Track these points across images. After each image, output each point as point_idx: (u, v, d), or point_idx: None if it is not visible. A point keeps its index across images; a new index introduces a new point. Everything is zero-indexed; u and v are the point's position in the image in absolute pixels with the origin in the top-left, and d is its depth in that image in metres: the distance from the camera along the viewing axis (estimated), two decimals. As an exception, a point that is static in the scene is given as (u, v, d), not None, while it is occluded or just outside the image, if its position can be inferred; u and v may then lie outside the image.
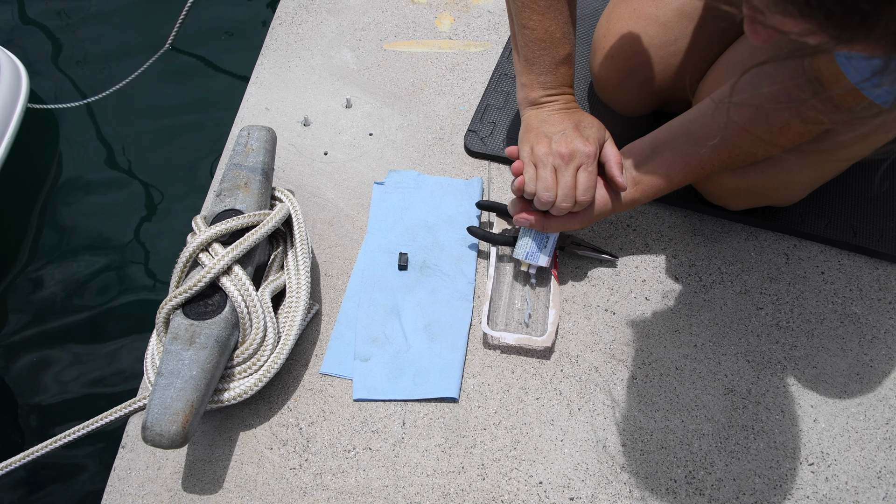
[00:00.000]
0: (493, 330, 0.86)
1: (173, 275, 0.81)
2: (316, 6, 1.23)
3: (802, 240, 0.95)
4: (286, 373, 0.86)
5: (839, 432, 0.82)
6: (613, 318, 0.89)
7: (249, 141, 0.91)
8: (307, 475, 0.80)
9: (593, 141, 0.81)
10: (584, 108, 1.06)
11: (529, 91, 0.85)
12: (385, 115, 1.09)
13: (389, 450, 0.81)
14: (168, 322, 0.79)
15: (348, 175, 1.03)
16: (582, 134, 0.80)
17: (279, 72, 1.14)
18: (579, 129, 0.81)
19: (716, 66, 0.90)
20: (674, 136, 0.83)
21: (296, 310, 0.83)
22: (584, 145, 0.80)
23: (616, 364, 0.86)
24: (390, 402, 0.84)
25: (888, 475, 0.79)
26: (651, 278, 0.92)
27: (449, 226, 0.96)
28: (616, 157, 0.82)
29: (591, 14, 1.15)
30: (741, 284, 0.92)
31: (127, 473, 0.81)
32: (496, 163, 1.03)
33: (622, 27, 0.93)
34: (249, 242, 0.81)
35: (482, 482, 0.79)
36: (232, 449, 0.81)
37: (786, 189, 0.87)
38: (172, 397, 0.72)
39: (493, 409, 0.83)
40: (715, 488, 0.78)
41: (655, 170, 0.83)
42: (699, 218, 0.97)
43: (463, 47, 1.17)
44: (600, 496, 0.78)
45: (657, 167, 0.83)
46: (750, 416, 0.83)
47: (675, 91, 0.97)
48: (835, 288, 0.91)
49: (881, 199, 0.96)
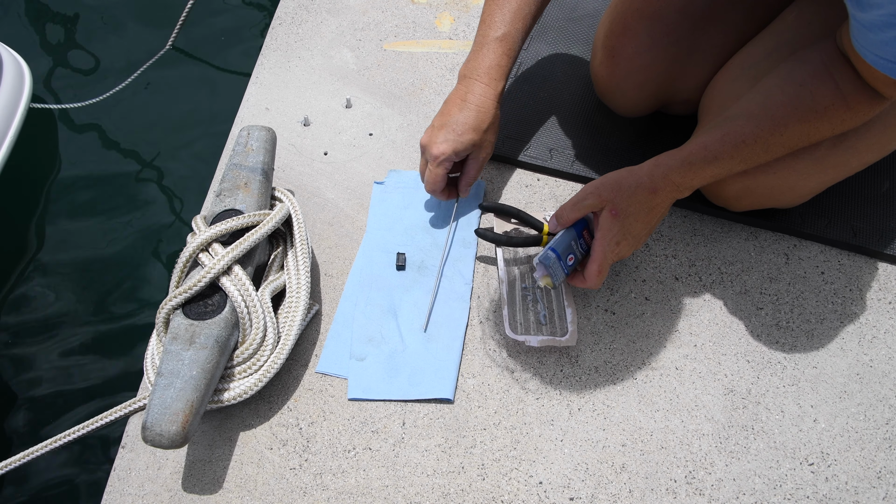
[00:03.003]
0: (516, 334, 0.86)
1: (173, 275, 0.81)
2: (316, 6, 1.23)
3: (802, 240, 0.95)
4: (286, 373, 0.86)
5: (839, 432, 0.82)
6: (613, 318, 0.89)
7: (249, 141, 0.91)
8: (307, 475, 0.80)
9: (446, 145, 0.86)
10: (585, 109, 1.06)
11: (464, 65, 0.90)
12: (385, 115, 1.09)
13: (389, 450, 0.81)
14: (168, 322, 0.79)
15: (348, 175, 1.03)
16: (445, 131, 0.86)
17: (279, 72, 1.14)
18: (444, 127, 0.87)
19: (727, 68, 0.89)
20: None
21: (296, 310, 0.83)
22: (434, 147, 0.86)
23: (616, 364, 0.86)
24: (390, 402, 0.84)
25: (888, 475, 0.79)
26: (651, 278, 0.92)
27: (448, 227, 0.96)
28: (467, 176, 0.91)
29: (591, 14, 1.15)
30: (741, 284, 0.92)
31: (127, 473, 0.81)
32: (496, 163, 1.03)
33: (623, 27, 0.93)
34: (249, 242, 0.81)
35: (482, 482, 0.79)
36: (232, 449, 0.81)
37: (793, 192, 0.87)
38: (172, 397, 0.72)
39: (493, 409, 0.83)
40: (715, 488, 0.78)
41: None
42: (699, 218, 0.97)
43: (463, 47, 1.17)
44: (600, 496, 0.78)
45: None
46: (750, 416, 0.83)
47: (675, 93, 0.97)
48: (835, 288, 0.91)
49: (881, 199, 0.96)
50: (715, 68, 0.92)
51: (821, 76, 0.73)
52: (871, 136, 0.80)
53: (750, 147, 0.76)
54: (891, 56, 0.63)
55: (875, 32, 0.62)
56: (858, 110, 0.73)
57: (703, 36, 0.92)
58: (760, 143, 0.76)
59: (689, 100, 0.96)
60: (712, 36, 0.92)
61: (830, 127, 0.75)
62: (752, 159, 0.78)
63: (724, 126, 0.78)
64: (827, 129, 0.76)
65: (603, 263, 0.79)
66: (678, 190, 0.79)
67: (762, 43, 0.87)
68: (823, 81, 0.73)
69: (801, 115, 0.75)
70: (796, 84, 0.75)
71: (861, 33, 0.65)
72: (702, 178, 0.79)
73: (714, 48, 0.92)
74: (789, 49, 0.82)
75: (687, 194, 0.81)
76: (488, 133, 0.89)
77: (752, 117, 0.76)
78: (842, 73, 0.72)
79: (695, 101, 0.95)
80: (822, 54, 0.74)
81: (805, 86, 0.74)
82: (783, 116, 0.75)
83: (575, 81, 1.08)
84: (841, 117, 0.74)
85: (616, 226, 0.78)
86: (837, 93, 0.72)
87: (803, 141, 0.77)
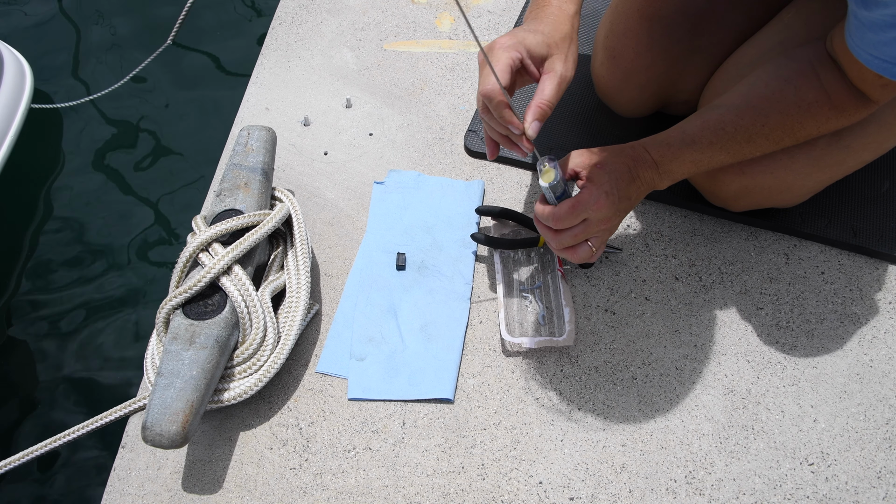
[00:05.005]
0: (512, 336, 0.86)
1: (173, 275, 0.81)
2: (316, 6, 1.23)
3: (802, 240, 0.95)
4: (286, 373, 0.86)
5: (839, 432, 0.82)
6: (613, 318, 0.89)
7: (249, 141, 0.91)
8: (307, 475, 0.80)
9: (511, 37, 0.73)
10: (585, 109, 1.05)
11: None
12: (385, 115, 1.09)
13: (389, 450, 0.81)
14: (168, 322, 0.79)
15: (348, 175, 1.03)
16: (510, 33, 0.74)
17: (279, 72, 1.14)
18: (510, 33, 0.74)
19: (724, 68, 0.89)
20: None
21: (296, 310, 0.83)
22: (498, 41, 0.74)
23: (616, 364, 0.86)
24: (390, 402, 0.84)
25: (888, 475, 0.79)
26: (651, 278, 0.92)
27: (448, 227, 0.96)
28: (540, 94, 0.73)
29: (591, 14, 1.15)
30: (741, 284, 0.92)
31: (127, 473, 0.81)
32: (496, 163, 1.03)
33: (624, 27, 0.93)
34: (249, 242, 0.81)
35: (482, 482, 0.79)
36: (232, 449, 0.81)
37: (791, 191, 0.87)
38: (172, 397, 0.72)
39: (493, 409, 0.83)
40: (715, 488, 0.78)
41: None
42: (699, 218, 0.97)
43: (463, 47, 1.17)
44: (600, 496, 0.78)
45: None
46: (750, 416, 0.83)
47: (676, 93, 0.97)
48: (835, 288, 0.91)
49: (881, 199, 0.96)
50: (715, 69, 0.92)
51: (806, 73, 0.73)
52: (867, 135, 0.81)
53: (730, 135, 0.75)
54: (888, 56, 0.63)
55: (875, 32, 0.62)
56: (844, 110, 0.73)
57: (704, 36, 0.92)
58: (742, 133, 0.75)
59: (690, 100, 0.96)
60: (712, 36, 0.92)
61: (815, 124, 0.75)
62: (735, 149, 0.77)
63: (706, 114, 0.78)
64: (812, 126, 0.75)
65: (577, 208, 0.72)
66: (656, 168, 0.77)
67: (758, 43, 0.87)
68: (808, 79, 0.73)
69: (782, 107, 0.74)
70: (781, 79, 0.75)
71: (859, 32, 0.65)
72: (680, 161, 0.77)
73: (714, 48, 0.92)
74: (784, 49, 0.82)
75: (666, 181, 0.78)
76: (564, 45, 0.75)
77: (733, 107, 0.76)
78: (827, 72, 0.72)
79: (695, 102, 0.95)
80: (810, 53, 0.74)
81: (789, 81, 0.74)
82: (765, 108, 0.75)
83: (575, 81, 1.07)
84: (826, 115, 0.74)
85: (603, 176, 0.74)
86: (821, 90, 0.72)
87: (788, 135, 0.76)
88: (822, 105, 0.73)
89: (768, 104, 0.75)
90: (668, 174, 0.78)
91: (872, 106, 0.73)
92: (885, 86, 0.69)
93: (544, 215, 0.74)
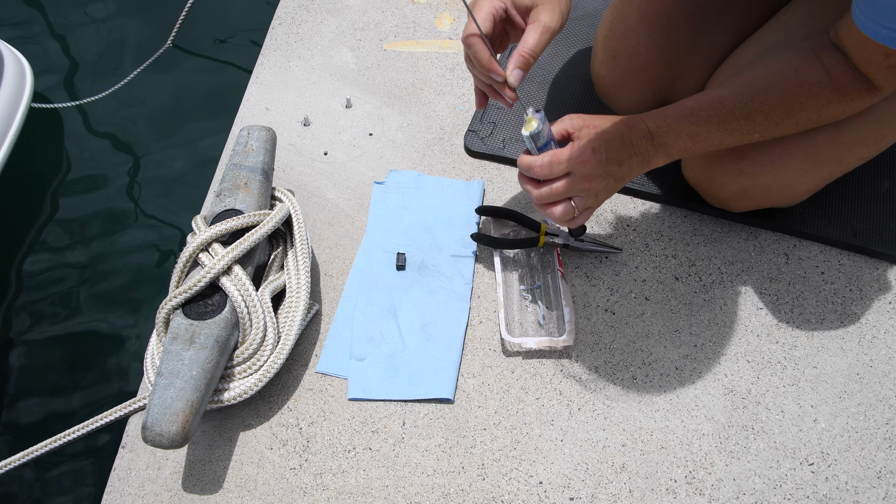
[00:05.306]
0: (512, 336, 0.86)
1: (173, 275, 0.81)
2: (316, 6, 1.23)
3: (802, 240, 0.95)
4: (286, 373, 0.86)
5: (839, 432, 0.82)
6: (613, 318, 0.89)
7: (249, 141, 0.91)
8: (307, 475, 0.80)
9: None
10: (585, 108, 1.05)
11: None
12: (385, 115, 1.09)
13: (389, 450, 0.81)
14: (168, 322, 0.79)
15: (348, 175, 1.03)
16: None
17: (279, 72, 1.14)
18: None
19: (723, 68, 0.89)
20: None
21: (296, 310, 0.83)
22: None
23: (616, 364, 0.86)
24: (390, 402, 0.84)
25: (888, 475, 0.79)
26: (651, 278, 0.92)
27: (448, 227, 0.96)
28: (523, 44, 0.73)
29: (591, 14, 1.15)
30: (741, 284, 0.92)
31: (127, 473, 0.81)
32: (496, 163, 1.03)
33: (624, 27, 0.93)
34: (249, 242, 0.81)
35: (482, 482, 0.79)
36: (232, 449, 0.81)
37: (790, 190, 0.87)
38: (172, 397, 0.72)
39: (493, 409, 0.83)
40: (715, 488, 0.78)
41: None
42: (699, 218, 0.97)
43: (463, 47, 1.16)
44: (600, 496, 0.78)
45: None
46: (750, 416, 0.83)
47: (675, 92, 0.97)
48: (835, 288, 0.91)
49: (881, 199, 0.96)
50: (714, 68, 0.92)
51: (807, 57, 0.73)
52: (865, 130, 0.80)
53: (729, 110, 0.74)
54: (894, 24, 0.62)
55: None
56: (847, 93, 0.72)
57: (703, 36, 0.92)
58: (740, 109, 0.74)
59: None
60: (712, 36, 0.92)
61: (816, 105, 0.73)
62: (733, 125, 0.75)
63: (707, 92, 0.77)
64: (812, 108, 0.74)
65: (559, 157, 0.72)
66: (651, 138, 0.76)
67: (757, 42, 0.87)
68: (810, 61, 0.72)
69: (783, 86, 0.73)
70: (781, 62, 0.75)
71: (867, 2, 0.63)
72: (676, 134, 0.75)
73: (713, 48, 0.92)
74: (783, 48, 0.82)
75: (661, 155, 0.77)
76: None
77: (733, 86, 0.76)
78: (829, 56, 0.71)
79: (695, 101, 0.95)
80: (812, 42, 0.74)
81: (790, 63, 0.74)
82: (765, 86, 0.74)
83: (575, 81, 1.08)
84: (827, 97, 0.73)
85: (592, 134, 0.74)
86: (823, 71, 0.71)
87: (787, 116, 0.75)
88: (823, 86, 0.72)
89: (768, 83, 0.74)
90: (662, 147, 0.76)
91: (876, 93, 0.72)
92: (890, 67, 0.67)
93: (524, 164, 0.74)
